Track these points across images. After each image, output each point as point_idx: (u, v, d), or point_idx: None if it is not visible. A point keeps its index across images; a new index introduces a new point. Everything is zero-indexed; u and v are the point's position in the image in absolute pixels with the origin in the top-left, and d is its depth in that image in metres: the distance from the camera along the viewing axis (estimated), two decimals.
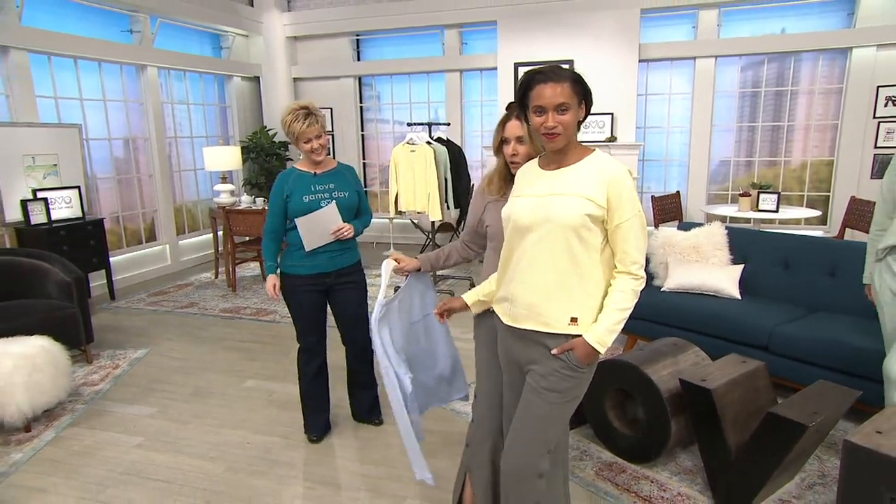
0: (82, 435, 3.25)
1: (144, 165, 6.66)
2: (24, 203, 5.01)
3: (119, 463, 2.97)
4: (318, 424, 3.16)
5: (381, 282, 2.23)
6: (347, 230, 2.89)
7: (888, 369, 2.51)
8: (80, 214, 5.42)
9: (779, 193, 5.62)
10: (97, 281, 5.72)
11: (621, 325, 1.73)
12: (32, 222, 5.03)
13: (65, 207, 5.32)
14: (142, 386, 3.87)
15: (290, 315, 3.06)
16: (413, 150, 5.35)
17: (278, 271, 2.98)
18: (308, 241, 2.86)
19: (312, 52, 8.30)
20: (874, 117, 6.37)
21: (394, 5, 7.59)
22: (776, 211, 5.55)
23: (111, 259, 5.75)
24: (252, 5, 7.88)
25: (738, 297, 3.58)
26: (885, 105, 6.32)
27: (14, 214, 5.04)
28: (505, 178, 2.10)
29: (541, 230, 1.73)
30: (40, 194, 5.14)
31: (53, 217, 5.19)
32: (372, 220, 3.19)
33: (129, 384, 3.90)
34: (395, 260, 2.27)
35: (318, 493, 2.69)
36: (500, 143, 2.05)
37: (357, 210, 3.03)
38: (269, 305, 5.57)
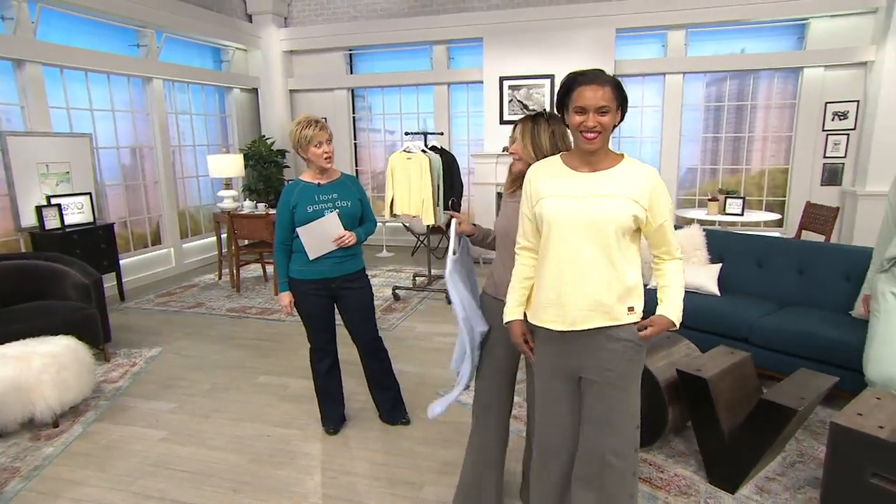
0: (108, 430, 3.18)
1: (150, 172, 6.52)
2: (38, 209, 4.87)
3: (147, 456, 2.92)
4: (334, 417, 3.13)
5: (451, 239, 2.19)
6: (349, 238, 2.80)
7: (875, 375, 2.53)
8: (91, 219, 5.29)
9: (744, 198, 5.75)
10: (108, 283, 5.56)
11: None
12: (47, 227, 4.89)
13: (77, 213, 5.18)
14: (160, 382, 3.80)
15: (297, 316, 2.99)
16: (409, 158, 5.32)
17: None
18: (311, 250, 2.79)
19: (308, 66, 8.23)
20: (823, 130, 6.55)
21: (385, 22, 7.56)
22: (741, 214, 5.67)
23: (120, 262, 5.62)
24: (251, 21, 7.78)
25: (718, 293, 3.66)
26: (832, 119, 6.51)
27: (29, 220, 4.90)
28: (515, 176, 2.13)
29: (589, 230, 1.69)
30: (54, 200, 5.00)
31: (67, 222, 5.05)
32: (376, 227, 3.13)
33: (147, 381, 3.82)
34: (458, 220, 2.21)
35: (339, 482, 2.67)
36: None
37: (361, 218, 2.97)
38: (274, 305, 5.50)
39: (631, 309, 1.76)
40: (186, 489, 2.64)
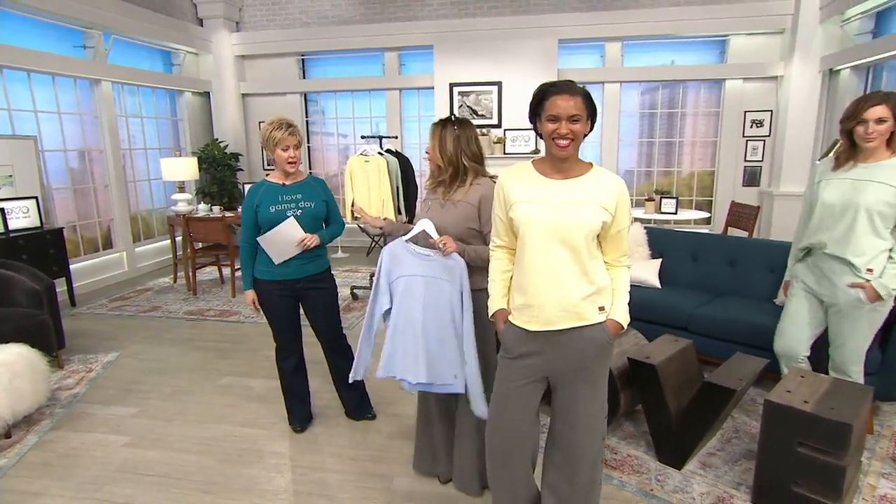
0: (66, 437, 3.00)
1: (100, 176, 6.18)
2: None
3: (110, 462, 2.77)
4: (300, 415, 3.07)
5: (414, 231, 2.21)
6: (310, 240, 2.73)
7: (779, 348, 2.75)
8: (38, 224, 4.97)
9: (677, 198, 6.02)
10: (58, 288, 5.21)
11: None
12: None
13: (22, 217, 4.86)
14: (118, 388, 3.62)
15: (256, 316, 2.91)
16: (367, 161, 5.28)
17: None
18: (274, 256, 2.73)
19: (260, 70, 8.01)
20: (743, 136, 6.96)
21: (337, 29, 7.46)
22: (675, 213, 5.93)
23: (70, 267, 5.30)
24: (202, 25, 7.50)
25: (659, 286, 3.81)
26: (751, 126, 6.92)
27: None
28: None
29: (560, 235, 1.71)
30: None
31: (11, 227, 4.73)
32: (343, 229, 3.06)
33: (105, 387, 3.64)
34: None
35: (310, 478, 2.62)
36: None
37: (326, 220, 2.91)
38: (232, 307, 5.33)
39: (601, 308, 1.80)
40: (155, 493, 2.53)
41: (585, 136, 1.74)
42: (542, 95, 1.72)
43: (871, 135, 2.33)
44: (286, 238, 2.71)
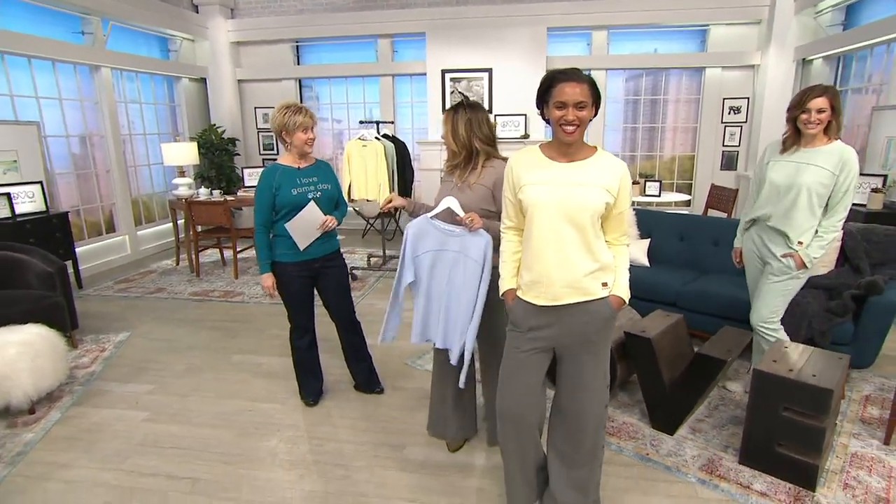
0: (88, 413, 3.01)
1: (101, 161, 6.07)
2: None
3: (132, 436, 2.79)
4: (313, 390, 3.09)
5: (439, 209, 2.25)
6: (332, 222, 2.77)
7: (751, 321, 2.82)
8: (44, 208, 4.88)
9: (660, 181, 6.08)
10: None
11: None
12: None
13: (28, 202, 4.77)
14: (133, 366, 3.61)
15: (268, 297, 2.88)
16: (364, 146, 5.25)
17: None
18: (301, 242, 2.74)
19: (255, 56, 7.86)
20: (721, 122, 7.02)
21: (331, 16, 7.33)
22: (658, 196, 6.01)
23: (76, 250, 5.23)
24: (197, 12, 7.32)
25: (648, 265, 3.88)
26: (729, 113, 6.99)
27: None
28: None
29: (569, 215, 1.73)
30: (2, 189, 4.56)
31: (17, 211, 4.64)
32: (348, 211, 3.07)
33: (119, 365, 3.63)
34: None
35: (325, 448, 2.66)
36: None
37: (336, 202, 2.93)
38: (236, 288, 5.32)
39: (604, 284, 1.83)
40: (178, 464, 2.55)
41: (590, 121, 1.75)
42: (550, 83, 1.71)
43: (813, 122, 2.50)
44: (309, 222, 2.72)
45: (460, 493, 2.31)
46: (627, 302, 1.91)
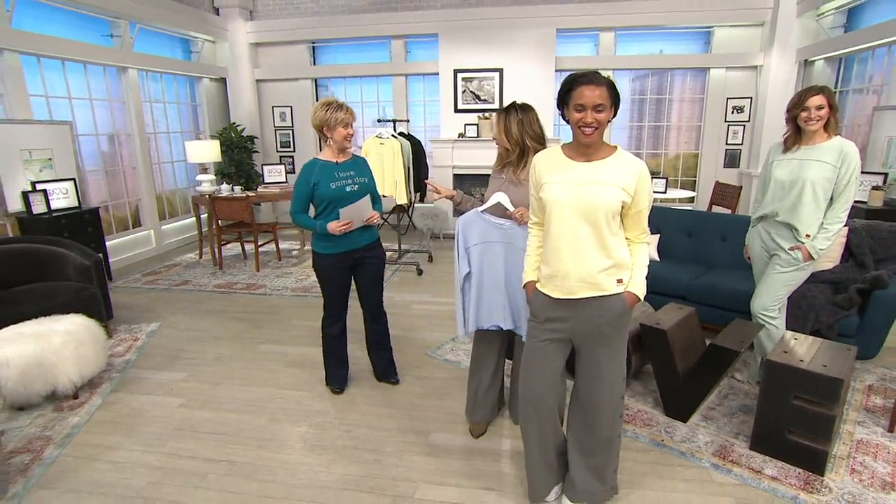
0: (126, 399, 3.06)
1: (128, 158, 6.11)
2: (24, 194, 4.49)
3: (169, 421, 2.84)
4: (339, 378, 3.13)
5: (489, 203, 2.30)
6: (377, 217, 2.84)
7: (752, 307, 2.85)
8: (76, 204, 4.94)
9: (667, 178, 6.08)
10: None
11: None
12: (34, 212, 4.52)
13: (62, 198, 4.82)
14: (165, 355, 3.66)
15: (312, 287, 2.94)
16: (382, 143, 5.28)
17: (315, 242, 2.86)
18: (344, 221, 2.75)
19: (273, 57, 7.87)
20: (725, 121, 6.99)
21: (346, 18, 7.33)
22: (665, 192, 6.01)
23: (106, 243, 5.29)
24: (218, 14, 7.33)
25: (658, 259, 3.90)
26: (732, 112, 6.96)
27: (15, 205, 4.52)
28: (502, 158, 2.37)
29: (585, 213, 1.74)
30: (39, 186, 4.62)
31: (53, 206, 4.70)
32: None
33: (153, 354, 3.68)
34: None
35: (354, 434, 2.70)
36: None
37: (373, 196, 2.94)
38: (258, 280, 5.36)
39: (619, 280, 1.84)
40: (214, 448, 2.60)
41: (609, 122, 1.75)
42: (570, 85, 1.71)
43: (813, 119, 2.54)
44: (361, 211, 2.76)
45: (485, 476, 2.35)
46: (643, 299, 1.92)
